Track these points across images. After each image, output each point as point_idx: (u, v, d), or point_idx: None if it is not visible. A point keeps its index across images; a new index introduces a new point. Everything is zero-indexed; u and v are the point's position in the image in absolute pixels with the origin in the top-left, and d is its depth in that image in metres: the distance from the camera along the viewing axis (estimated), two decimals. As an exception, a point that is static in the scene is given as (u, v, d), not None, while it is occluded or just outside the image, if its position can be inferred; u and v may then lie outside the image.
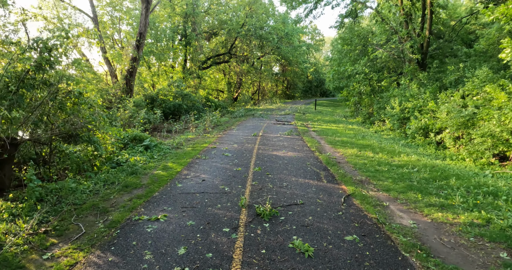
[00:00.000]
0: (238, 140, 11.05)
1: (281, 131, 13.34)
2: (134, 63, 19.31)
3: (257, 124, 16.41)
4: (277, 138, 11.40)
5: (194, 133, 13.85)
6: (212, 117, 17.55)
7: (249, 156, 8.21)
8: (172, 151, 9.22)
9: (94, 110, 7.73)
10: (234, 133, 13.03)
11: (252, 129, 14.04)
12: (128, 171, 6.87)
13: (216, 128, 15.23)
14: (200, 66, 30.84)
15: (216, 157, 8.14)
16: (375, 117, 17.53)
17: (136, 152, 8.70)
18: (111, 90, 20.06)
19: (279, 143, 10.44)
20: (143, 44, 19.78)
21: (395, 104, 14.21)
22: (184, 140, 11.53)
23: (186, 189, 5.50)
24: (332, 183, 5.96)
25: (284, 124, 16.37)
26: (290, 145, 10.02)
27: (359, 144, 10.80)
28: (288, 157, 8.16)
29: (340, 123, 18.28)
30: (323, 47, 59.90)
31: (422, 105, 12.42)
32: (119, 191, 5.56)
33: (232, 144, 10.20)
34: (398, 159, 8.45)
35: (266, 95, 44.68)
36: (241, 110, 23.38)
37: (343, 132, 13.99)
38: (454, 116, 9.95)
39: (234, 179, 6.11)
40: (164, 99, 20.67)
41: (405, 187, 5.87)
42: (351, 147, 10.05)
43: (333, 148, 9.95)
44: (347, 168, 7.25)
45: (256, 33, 30.82)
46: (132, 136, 9.56)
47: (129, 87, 19.72)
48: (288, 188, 5.57)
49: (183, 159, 7.97)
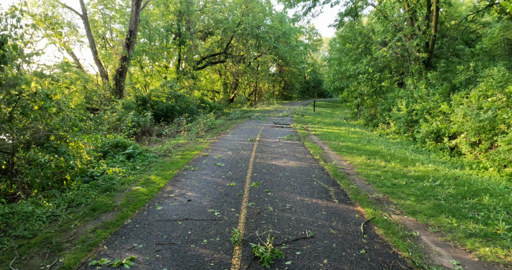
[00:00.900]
0: (233, 146, 10.00)
1: (280, 135, 12.31)
2: (124, 63, 18.20)
3: (254, 127, 15.38)
4: (276, 144, 10.36)
5: (186, 137, 12.78)
6: (206, 119, 16.49)
7: (245, 167, 7.16)
8: (159, 160, 8.16)
9: (65, 115, 6.66)
10: (229, 137, 11.98)
11: (248, 133, 13.00)
12: (102, 187, 5.80)
13: (210, 132, 14.18)
14: (195, 66, 29.76)
15: (207, 168, 7.08)
16: (379, 119, 16.59)
17: (116, 162, 7.61)
18: (99, 91, 18.96)
19: (279, 149, 9.40)
20: (133, 43, 18.67)
21: (402, 105, 13.25)
22: (174, 146, 10.46)
23: (166, 214, 4.44)
24: (345, 204, 4.94)
25: (282, 127, 15.35)
26: (291, 152, 8.99)
27: (366, 150, 9.81)
28: (289, 168, 7.13)
29: (341, 125, 17.31)
30: (320, 47, 59.07)
31: (432, 107, 11.47)
32: (84, 216, 4.49)
33: (226, 151, 9.15)
34: (413, 169, 7.46)
35: (263, 96, 43.69)
36: (237, 112, 22.35)
37: (347, 136, 13.01)
38: (471, 119, 9.00)
39: (226, 198, 5.07)
40: (157, 100, 19.59)
41: (433, 208, 4.87)
42: (358, 154, 9.05)
43: (338, 155, 8.94)
44: (359, 182, 6.23)
45: (253, 32, 29.82)
46: (113, 143, 8.47)
47: (119, 88, 18.61)
48: (292, 212, 4.53)
49: (169, 171, 6.90)
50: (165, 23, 26.98)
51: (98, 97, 18.23)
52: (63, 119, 6.55)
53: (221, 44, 32.39)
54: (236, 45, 32.66)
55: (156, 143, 12.52)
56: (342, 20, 20.39)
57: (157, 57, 26.56)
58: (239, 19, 29.28)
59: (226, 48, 31.63)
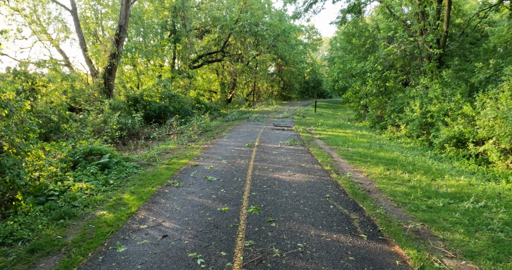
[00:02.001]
0: (228, 152, 8.70)
1: (282, 140, 11.03)
2: (113, 60, 16.88)
3: (252, 129, 14.09)
4: (277, 150, 9.07)
5: (177, 141, 11.48)
6: (200, 121, 15.18)
7: (242, 182, 5.86)
8: (139, 171, 6.85)
9: (17, 119, 5.35)
10: (224, 142, 10.68)
11: (246, 137, 11.71)
12: (58, 212, 4.49)
13: (204, 135, 12.87)
14: (191, 65, 28.42)
15: (195, 184, 5.78)
16: (387, 121, 15.35)
17: (86, 175, 6.30)
18: (87, 91, 17.64)
19: (281, 158, 8.11)
20: (123, 39, 17.35)
21: (415, 106, 12.01)
22: (162, 152, 9.15)
23: (128, 263, 3.13)
24: (377, 241, 3.65)
25: (283, 130, 14.07)
26: (296, 161, 7.70)
27: (381, 157, 8.55)
28: (297, 184, 5.84)
29: (346, 128, 16.06)
30: (320, 47, 57.87)
31: (453, 108, 10.22)
32: (16, 263, 3.18)
33: (220, 159, 7.85)
34: (444, 183, 6.20)
35: (262, 96, 42.39)
36: (234, 113, 21.04)
37: (355, 140, 11.75)
38: (503, 122, 7.77)
39: (215, 233, 3.76)
40: (149, 100, 18.29)
41: (493, 245, 3.60)
42: (373, 163, 7.78)
43: (351, 164, 7.66)
44: (385, 204, 4.95)
45: (251, 29, 28.53)
46: (86, 150, 7.15)
47: (108, 87, 17.29)
48: (307, 257, 3.24)
49: (147, 187, 5.59)
50: (159, 19, 25.61)
51: (86, 97, 16.95)
52: (15, 124, 5.25)
53: (218, 42, 31.07)
54: (234, 43, 31.36)
55: (143, 148, 11.23)
56: (345, 17, 19.20)
57: (150, 55, 25.20)
58: (237, 16, 27.98)
59: (224, 46, 30.33)
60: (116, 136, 12.10)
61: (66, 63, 26.35)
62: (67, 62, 26.46)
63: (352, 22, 19.64)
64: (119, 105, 15.64)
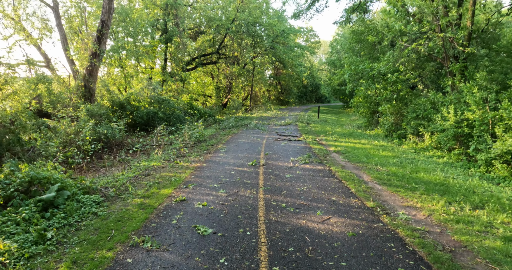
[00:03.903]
0: (227, 176, 6.60)
1: (292, 155, 8.97)
2: (94, 60, 14.70)
3: (253, 140, 12.01)
4: (292, 172, 6.99)
5: (163, 156, 9.35)
6: (192, 130, 13.05)
7: (253, 238, 3.75)
8: (100, 211, 4.71)
9: None
10: (221, 158, 8.58)
11: (248, 151, 9.62)
12: None
13: (197, 148, 10.76)
14: (184, 67, 26.31)
15: (177, 243, 3.64)
16: (406, 130, 13.43)
17: (13, 223, 4.14)
18: (65, 95, 15.43)
19: (300, 184, 6.04)
20: (106, 36, 15.19)
21: (449, 114, 10.08)
22: (140, 175, 7.03)
23: None
24: None
25: (290, 140, 12.02)
26: (323, 192, 5.63)
27: (426, 181, 6.55)
28: (340, 241, 3.74)
29: (359, 137, 14.10)
30: (318, 50, 56.27)
31: (505, 117, 8.29)
32: None
33: (216, 188, 5.75)
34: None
35: (259, 101, 40.38)
36: (231, 120, 18.95)
37: (378, 154, 9.77)
38: None
39: None
40: (137, 105, 16.17)
41: None
42: (423, 191, 5.76)
43: (395, 194, 5.63)
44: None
45: (249, 29, 26.63)
46: (24, 179, 4.99)
47: (88, 91, 15.07)
48: None
49: (101, 250, 3.46)
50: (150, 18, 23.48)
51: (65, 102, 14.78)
52: None
53: (213, 44, 29.07)
54: (230, 45, 29.40)
55: (121, 165, 9.10)
56: (349, 16, 17.44)
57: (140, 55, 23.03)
58: (233, 15, 26.06)
59: (219, 48, 28.34)
60: (89, 149, 9.92)
61: (46, 64, 24.01)
62: (47, 63, 24.11)
63: (361, 20, 17.87)
64: (99, 111, 13.47)
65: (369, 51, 17.68)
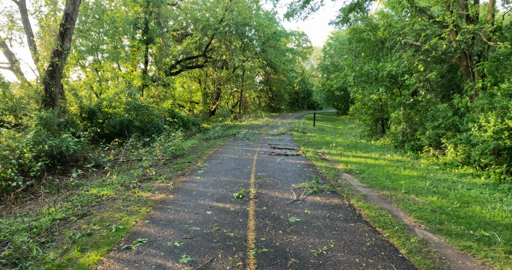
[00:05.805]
0: (199, 222, 4.30)
1: (293, 178, 6.74)
2: (56, 59, 12.26)
3: (241, 155, 9.73)
4: (298, 213, 4.73)
5: (121, 180, 6.97)
6: (168, 142, 10.66)
7: None
8: None
9: None
10: (196, 185, 6.26)
11: (234, 172, 7.32)
12: None
13: (170, 166, 8.41)
14: (167, 71, 23.94)
15: None
16: (421, 140, 11.43)
17: None
18: (23, 100, 12.94)
19: (315, 241, 3.80)
20: (71, 31, 12.77)
21: (488, 122, 8.07)
22: (69, 218, 4.66)
23: None
24: None
25: (287, 155, 9.80)
26: (355, 258, 3.41)
27: (487, 222, 4.42)
28: None
29: (366, 149, 12.03)
30: (310, 56, 54.84)
31: None
32: None
33: (176, 254, 3.45)
34: None
35: (249, 107, 38.23)
36: (217, 129, 16.62)
37: (400, 174, 7.65)
38: None
39: None
40: (110, 112, 13.77)
41: None
42: (505, 247, 3.62)
43: (466, 255, 3.44)
44: None
45: (238, 30, 24.61)
46: None
47: (50, 95, 12.56)
48: None
49: None
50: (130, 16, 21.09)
51: (20, 107, 12.38)
52: None
53: (199, 46, 26.90)
54: (218, 47, 27.28)
55: (66, 190, 6.73)
56: (347, 16, 15.70)
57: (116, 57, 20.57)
58: (221, 15, 24.02)
59: (206, 50, 26.17)
60: (36, 167, 7.41)
61: (10, 66, 21.20)
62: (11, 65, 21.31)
63: (363, 18, 16.10)
64: (57, 120, 11.05)
65: (371, 51, 15.82)
